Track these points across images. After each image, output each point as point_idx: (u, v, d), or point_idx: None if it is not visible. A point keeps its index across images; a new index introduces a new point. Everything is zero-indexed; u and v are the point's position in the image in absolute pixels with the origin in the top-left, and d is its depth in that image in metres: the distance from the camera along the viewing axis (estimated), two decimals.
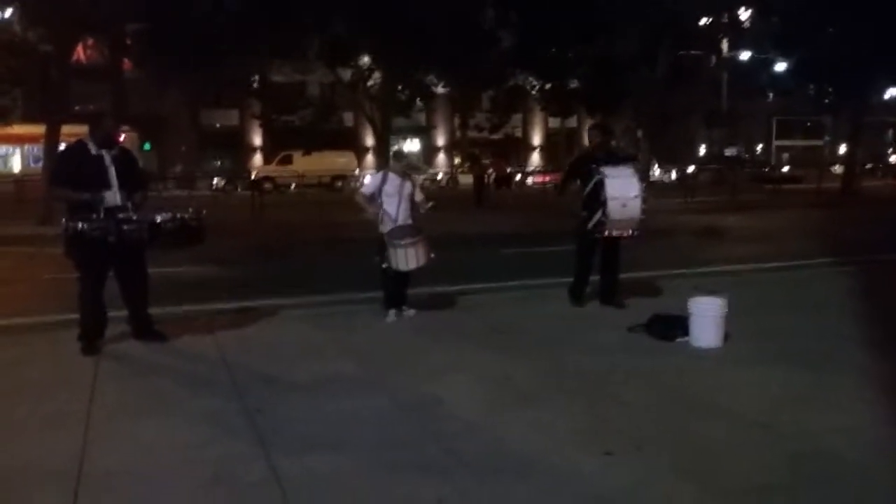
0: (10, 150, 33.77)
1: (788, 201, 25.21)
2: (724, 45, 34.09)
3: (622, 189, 6.92)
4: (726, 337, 5.92)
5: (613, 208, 6.84)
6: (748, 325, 6.34)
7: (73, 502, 3.44)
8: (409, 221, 7.01)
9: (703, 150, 50.18)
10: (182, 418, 4.50)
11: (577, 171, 7.43)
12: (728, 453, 3.95)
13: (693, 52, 30.51)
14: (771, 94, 40.88)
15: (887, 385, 4.93)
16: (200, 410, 4.64)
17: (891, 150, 57.57)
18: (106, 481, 3.66)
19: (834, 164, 42.90)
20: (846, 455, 3.90)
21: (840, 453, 3.93)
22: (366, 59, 26.48)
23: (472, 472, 3.73)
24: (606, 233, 7.00)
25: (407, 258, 6.72)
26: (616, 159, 7.42)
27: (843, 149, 43.15)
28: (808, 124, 55.22)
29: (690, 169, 36.43)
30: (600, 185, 6.91)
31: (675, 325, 6.10)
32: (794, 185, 31.34)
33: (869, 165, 41.38)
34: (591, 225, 7.05)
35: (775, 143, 57.38)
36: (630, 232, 7.10)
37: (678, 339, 5.99)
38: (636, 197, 6.93)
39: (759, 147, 56.80)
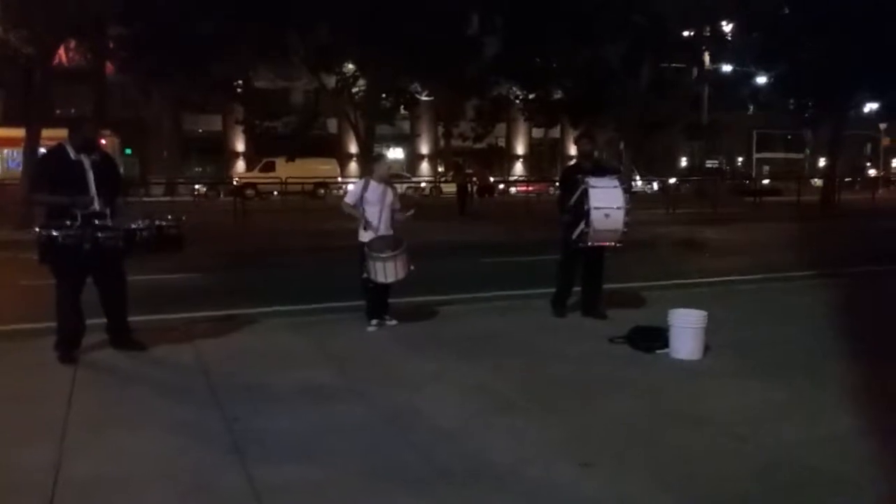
0: None
1: (768, 214, 25.45)
2: (707, 58, 34.40)
3: (606, 199, 6.98)
4: (706, 349, 5.96)
5: (596, 218, 6.89)
6: (728, 337, 6.40)
7: None
8: (390, 231, 7.02)
9: (684, 163, 50.60)
10: (160, 428, 4.46)
11: (566, 181, 7.50)
12: (706, 464, 3.97)
13: (675, 64, 30.74)
14: (752, 107, 41.33)
15: (863, 396, 4.98)
16: (178, 420, 4.61)
17: (869, 163, 58.41)
18: (82, 492, 3.63)
19: (814, 176, 43.39)
20: (822, 466, 3.94)
21: (816, 464, 3.96)
22: (350, 66, 26.48)
23: (451, 483, 3.72)
24: (590, 243, 7.04)
25: (386, 271, 6.74)
26: (602, 170, 7.50)
27: (822, 162, 43.70)
28: (789, 137, 55.90)
29: (672, 181, 36.68)
30: (584, 195, 6.96)
31: (655, 337, 6.14)
32: (775, 198, 31.63)
33: (848, 179, 41.90)
34: (574, 235, 7.09)
35: (756, 155, 58.00)
36: (612, 244, 7.15)
37: (658, 351, 6.03)
38: (619, 208, 6.99)
39: (740, 159, 57.37)
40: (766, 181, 41.89)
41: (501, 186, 39.71)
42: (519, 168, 51.76)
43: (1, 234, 16.09)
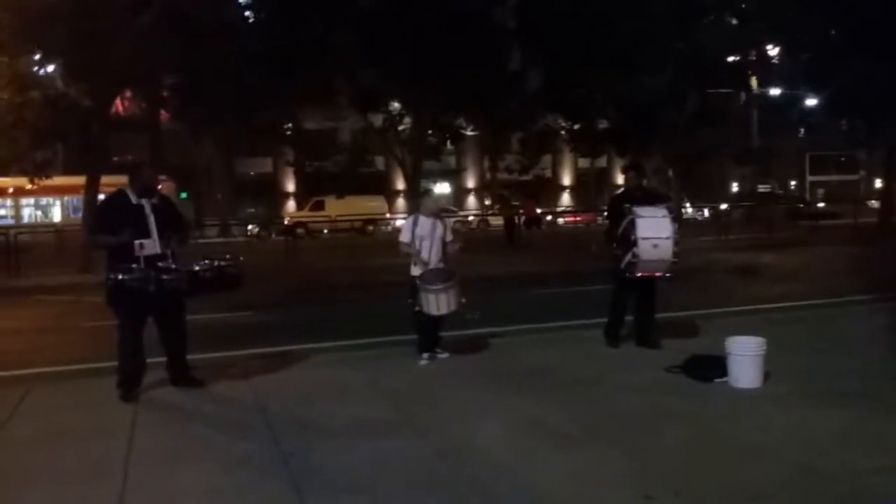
0: (52, 200, 34.72)
1: (825, 237, 24.82)
2: (754, 82, 33.97)
3: (654, 229, 6.88)
4: (766, 376, 5.82)
5: (644, 248, 6.81)
6: (788, 364, 6.23)
7: None
8: (441, 264, 7.05)
9: (735, 188, 49.80)
10: (219, 464, 4.53)
11: (613, 210, 7.45)
12: (770, 496, 3.86)
13: (722, 90, 30.44)
14: (802, 130, 40.56)
15: None
16: (237, 456, 4.67)
17: None
18: None
19: (871, 198, 42.25)
20: (891, 495, 3.80)
21: (885, 494, 3.83)
22: (395, 105, 26.92)
23: None
24: (639, 273, 6.96)
25: (438, 303, 6.75)
26: (650, 199, 7.42)
27: (878, 183, 42.58)
28: (843, 159, 54.65)
29: (723, 207, 36.11)
30: (631, 225, 6.90)
31: (713, 366, 6.01)
32: (831, 221, 30.85)
33: None
34: (623, 265, 7.02)
35: (809, 178, 56.78)
36: (661, 273, 7.05)
37: (717, 380, 5.90)
38: (668, 238, 6.87)
39: (793, 183, 56.23)
40: (821, 204, 40.91)
41: (549, 217, 39.55)
42: (566, 198, 51.61)
43: (64, 277, 16.61)
